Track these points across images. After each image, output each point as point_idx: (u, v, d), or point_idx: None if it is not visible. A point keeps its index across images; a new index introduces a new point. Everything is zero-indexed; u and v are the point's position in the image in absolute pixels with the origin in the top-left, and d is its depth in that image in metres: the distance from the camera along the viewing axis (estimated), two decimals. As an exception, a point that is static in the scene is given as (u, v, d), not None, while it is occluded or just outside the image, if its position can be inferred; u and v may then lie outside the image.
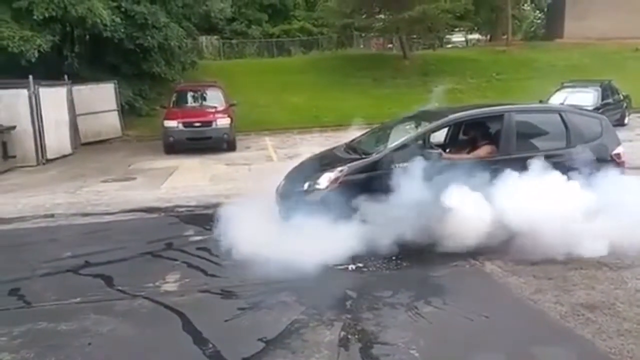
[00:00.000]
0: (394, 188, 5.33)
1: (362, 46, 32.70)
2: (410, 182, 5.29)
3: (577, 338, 3.87)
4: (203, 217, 7.44)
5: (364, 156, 6.05)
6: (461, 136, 7.03)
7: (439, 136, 6.87)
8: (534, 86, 18.78)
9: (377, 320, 4.23)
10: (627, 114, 16.19)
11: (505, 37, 30.93)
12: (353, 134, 7.64)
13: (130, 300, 4.84)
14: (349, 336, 4.00)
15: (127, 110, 17.68)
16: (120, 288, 5.12)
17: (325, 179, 5.81)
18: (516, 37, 35.26)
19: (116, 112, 17.02)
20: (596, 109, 12.68)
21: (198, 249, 6.18)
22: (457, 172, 5.38)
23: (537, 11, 41.97)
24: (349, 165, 5.89)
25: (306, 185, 5.93)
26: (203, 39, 26.80)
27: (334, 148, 7.06)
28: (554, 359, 3.68)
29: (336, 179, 5.75)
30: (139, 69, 18.39)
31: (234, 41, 30.45)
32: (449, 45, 35.09)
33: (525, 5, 39.06)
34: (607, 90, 15.38)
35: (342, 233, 5.27)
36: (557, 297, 4.51)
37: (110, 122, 16.83)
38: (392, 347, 3.83)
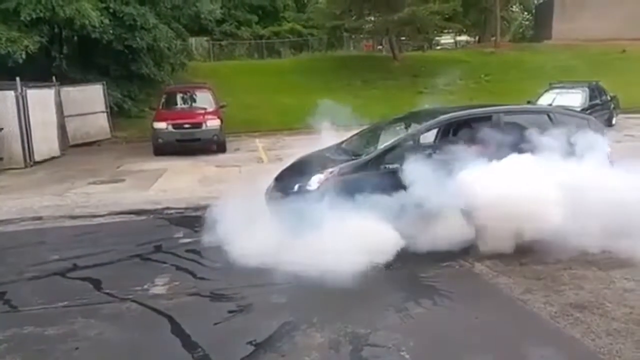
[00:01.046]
0: (385, 189, 5.32)
1: (352, 48, 32.77)
2: (400, 183, 5.29)
3: (566, 338, 3.88)
4: (193, 219, 7.39)
5: (354, 157, 6.05)
6: (451, 137, 7.04)
7: (429, 137, 6.88)
8: (523, 87, 18.90)
9: (367, 322, 4.21)
10: (614, 114, 16.34)
11: (493, 38, 31.13)
12: (344, 135, 7.62)
13: (119, 303, 4.79)
14: (340, 338, 3.98)
15: (115, 112, 17.58)
16: (108, 291, 5.06)
17: (315, 180, 5.80)
18: (505, 38, 35.50)
19: (105, 114, 16.91)
20: (584, 110, 12.78)
21: (187, 251, 6.13)
22: (447, 172, 5.38)
23: (526, 13, 42.31)
24: (339, 166, 5.88)
25: (296, 187, 5.91)
26: (192, 41, 26.68)
27: (324, 149, 7.04)
28: (544, 359, 3.68)
29: (327, 180, 5.74)
30: (128, 71, 18.30)
31: (223, 42, 30.38)
32: (438, 47, 35.27)
33: (514, 7, 39.37)
34: (595, 91, 15.52)
35: (332, 234, 5.24)
36: (546, 297, 4.52)
37: (98, 123, 16.73)
38: (382, 349, 3.81)
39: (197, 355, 3.83)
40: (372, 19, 26.70)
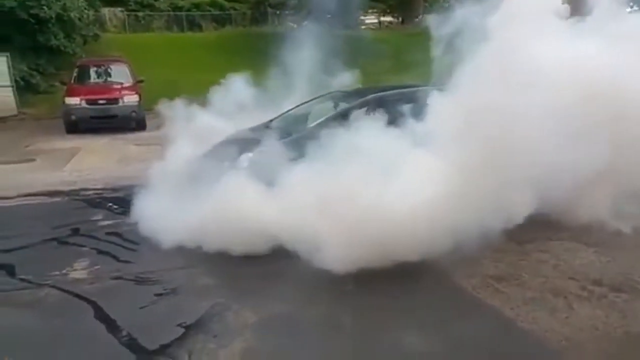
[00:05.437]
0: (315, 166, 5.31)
1: (277, 24, 32.23)
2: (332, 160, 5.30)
3: (487, 307, 4.09)
4: (112, 200, 7.06)
5: (284, 136, 6.00)
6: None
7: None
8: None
9: (299, 301, 4.24)
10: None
11: (417, 19, 31.82)
12: (268, 114, 7.51)
13: (35, 289, 4.51)
14: (273, 318, 3.98)
15: (22, 87, 16.18)
16: (23, 277, 4.74)
17: (244, 159, 5.71)
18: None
19: (10, 89, 15.51)
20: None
21: (108, 234, 5.84)
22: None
23: (445, -5, 43.55)
24: (267, 144, 5.81)
25: (225, 166, 5.78)
26: (106, 11, 25.10)
27: (251, 128, 6.93)
28: (466, 327, 3.85)
29: (256, 158, 5.66)
30: (35, 42, 16.85)
31: (140, 14, 28.79)
32: (363, 27, 35.55)
33: (434, -12, 40.38)
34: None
35: (262, 215, 5.17)
36: (469, 270, 4.68)
37: (2, 99, 15.34)
38: (315, 327, 3.89)
39: (124, 340, 3.70)
40: (297, -6, 26.38)
